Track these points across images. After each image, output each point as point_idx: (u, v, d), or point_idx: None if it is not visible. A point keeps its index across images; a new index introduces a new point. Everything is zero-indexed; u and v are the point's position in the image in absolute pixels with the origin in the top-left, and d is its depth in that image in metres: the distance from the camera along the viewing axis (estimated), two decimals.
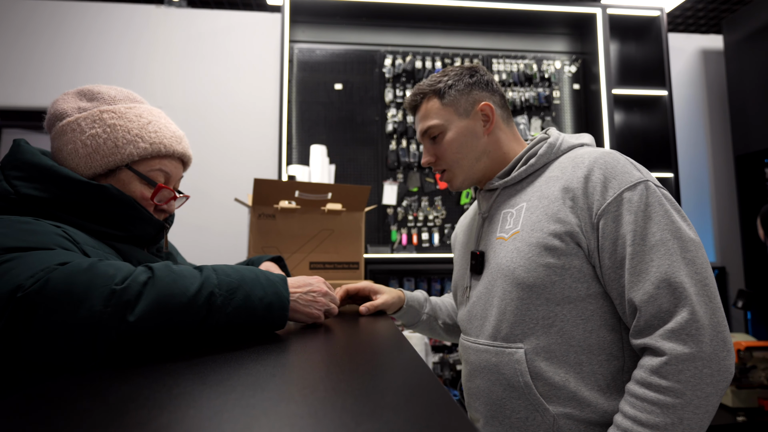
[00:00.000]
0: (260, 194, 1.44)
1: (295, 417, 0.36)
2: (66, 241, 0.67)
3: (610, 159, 0.78)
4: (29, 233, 0.64)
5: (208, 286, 0.61)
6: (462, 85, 0.91)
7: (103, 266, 0.57)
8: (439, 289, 2.35)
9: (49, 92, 2.41)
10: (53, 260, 0.58)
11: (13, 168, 0.74)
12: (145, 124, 0.83)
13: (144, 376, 0.49)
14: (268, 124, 2.51)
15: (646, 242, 0.71)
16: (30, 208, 0.72)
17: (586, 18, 2.55)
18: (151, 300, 0.56)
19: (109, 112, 0.81)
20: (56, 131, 0.80)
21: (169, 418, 0.35)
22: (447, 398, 0.40)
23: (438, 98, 0.92)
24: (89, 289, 0.54)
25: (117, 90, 0.85)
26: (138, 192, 0.82)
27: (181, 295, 0.58)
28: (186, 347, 0.60)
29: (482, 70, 0.95)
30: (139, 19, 2.53)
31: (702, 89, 2.95)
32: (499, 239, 0.86)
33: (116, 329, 0.54)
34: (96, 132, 0.79)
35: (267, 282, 0.68)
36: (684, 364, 0.67)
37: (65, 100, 0.82)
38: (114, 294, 0.54)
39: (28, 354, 0.54)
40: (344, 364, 0.55)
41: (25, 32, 2.45)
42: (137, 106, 0.85)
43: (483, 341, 0.86)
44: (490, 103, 0.91)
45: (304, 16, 2.44)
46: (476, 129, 0.90)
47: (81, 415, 0.37)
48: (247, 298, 0.64)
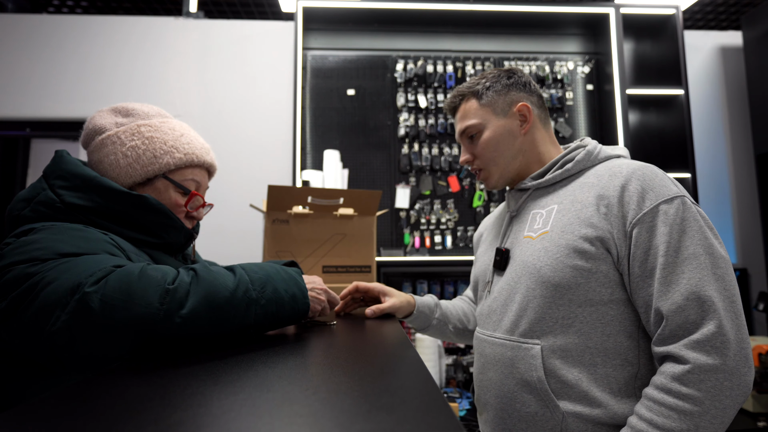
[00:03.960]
0: (274, 200, 1.49)
1: (295, 416, 0.39)
2: (114, 248, 0.73)
3: (648, 172, 0.80)
4: (82, 240, 0.69)
5: (243, 282, 0.67)
6: (500, 86, 0.94)
7: (152, 269, 0.62)
8: (452, 292, 2.36)
9: (75, 103, 2.51)
10: (109, 262, 0.63)
11: (58, 177, 0.79)
12: (179, 137, 0.89)
13: (161, 377, 0.53)
14: (283, 131, 2.57)
15: (679, 255, 0.73)
16: (75, 216, 0.77)
17: (598, 18, 2.53)
18: (199, 296, 0.62)
19: (146, 126, 0.87)
20: (96, 144, 0.86)
21: (181, 416, 0.38)
22: (440, 400, 0.42)
23: (476, 99, 0.95)
24: (146, 288, 0.59)
25: (149, 106, 0.92)
26: (173, 199, 0.88)
27: (224, 289, 0.64)
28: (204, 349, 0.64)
29: (520, 72, 0.98)
30: (159, 31, 2.61)
31: (721, 87, 2.89)
32: (527, 238, 0.88)
33: (171, 324, 0.59)
34: (136, 144, 0.85)
35: (288, 276, 0.74)
36: (707, 374, 0.68)
37: (102, 116, 0.88)
38: (168, 293, 0.60)
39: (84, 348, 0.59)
40: (347, 366, 0.58)
41: (50, 46, 2.56)
42: (169, 121, 0.91)
43: (500, 335, 0.88)
44: (528, 103, 0.93)
45: (317, 24, 2.49)
46: (513, 128, 0.93)
47: (102, 411, 0.40)
48: (276, 291, 0.70)
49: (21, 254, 0.64)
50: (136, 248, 0.81)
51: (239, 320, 0.65)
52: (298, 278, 0.76)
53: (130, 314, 0.57)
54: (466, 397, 1.97)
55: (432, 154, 2.45)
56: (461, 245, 2.39)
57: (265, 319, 0.69)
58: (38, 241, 0.67)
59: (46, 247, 0.65)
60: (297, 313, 0.74)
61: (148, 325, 0.58)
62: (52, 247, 0.65)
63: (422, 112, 2.48)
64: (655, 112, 2.68)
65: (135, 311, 0.58)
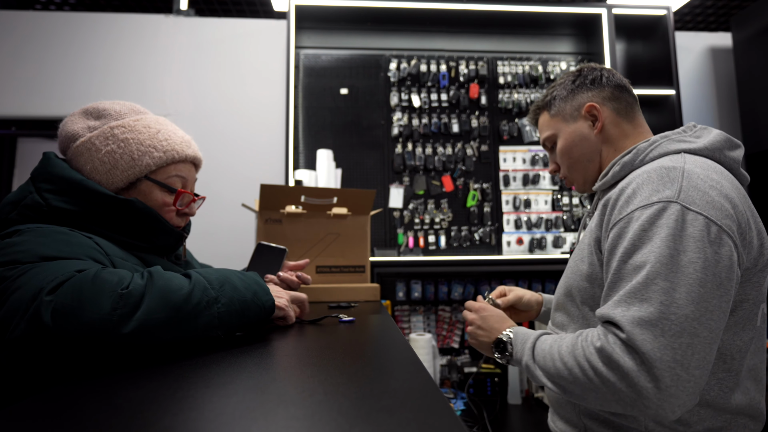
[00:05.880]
0: (267, 199, 1.46)
1: (292, 419, 0.37)
2: (97, 252, 0.71)
3: (657, 174, 0.73)
4: (65, 243, 0.68)
5: (200, 282, 0.66)
6: (565, 92, 0.95)
7: (108, 273, 0.60)
8: (446, 292, 2.36)
9: (63, 101, 2.47)
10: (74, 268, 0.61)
11: (44, 181, 0.77)
12: (155, 134, 0.85)
13: (152, 380, 0.51)
14: (276, 130, 2.54)
15: (626, 264, 0.69)
16: (61, 219, 0.75)
17: (591, 18, 2.54)
18: (155, 297, 0.60)
19: (119, 127, 0.83)
20: (72, 152, 0.83)
21: (171, 420, 0.36)
22: (441, 401, 0.41)
23: (547, 111, 0.98)
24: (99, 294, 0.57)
25: (120, 104, 0.88)
26: (160, 200, 0.85)
27: (179, 289, 0.63)
28: (194, 351, 0.62)
29: (587, 69, 0.95)
30: (149, 29, 2.57)
31: (711, 88, 2.92)
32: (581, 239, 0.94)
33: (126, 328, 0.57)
34: (111, 149, 0.82)
35: (243, 275, 0.75)
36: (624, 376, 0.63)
37: (73, 121, 0.85)
38: (122, 297, 0.58)
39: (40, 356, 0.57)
40: (344, 367, 0.56)
41: (39, 43, 2.51)
42: (143, 117, 0.87)
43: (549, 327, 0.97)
44: (596, 102, 0.91)
45: (310, 23, 2.47)
46: (584, 131, 0.92)
47: (89, 415, 0.38)
48: (236, 290, 0.69)
49: (3, 256, 0.64)
50: (125, 251, 0.79)
51: (203, 321, 0.64)
52: (257, 278, 0.76)
53: (81, 321, 0.55)
54: (460, 398, 1.96)
55: (426, 153, 2.44)
56: (455, 245, 2.39)
57: (232, 318, 0.68)
58: (21, 244, 0.65)
59: (28, 249, 0.64)
60: (264, 309, 0.74)
61: (101, 332, 0.56)
62: (34, 250, 0.64)
63: (416, 112, 2.48)
64: (647, 112, 2.69)
65: (86, 318, 0.55)
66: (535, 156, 2.46)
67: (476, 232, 2.40)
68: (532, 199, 2.44)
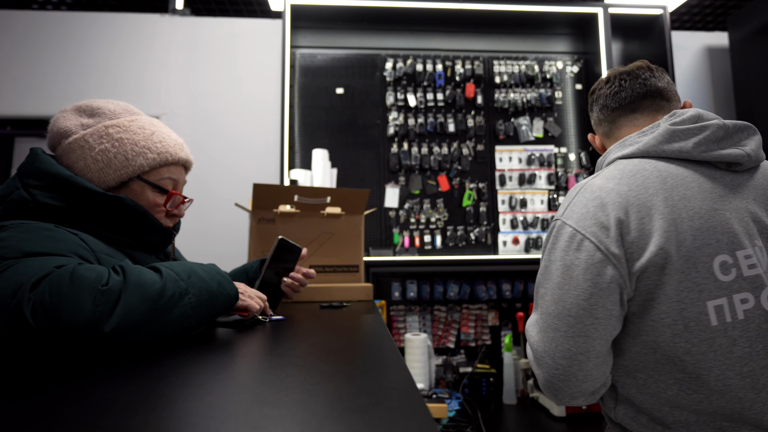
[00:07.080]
0: (260, 199, 1.46)
1: (263, 419, 0.37)
2: (82, 249, 0.71)
3: (568, 193, 0.83)
4: (50, 239, 0.68)
5: (170, 274, 0.66)
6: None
7: (85, 270, 0.60)
8: (442, 292, 2.35)
9: (59, 101, 2.46)
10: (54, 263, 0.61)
11: (31, 177, 0.77)
12: (149, 135, 0.85)
13: (130, 379, 0.51)
14: (271, 129, 2.54)
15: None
16: (47, 215, 0.75)
17: (587, 18, 2.53)
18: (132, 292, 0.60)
19: (114, 126, 0.83)
20: (63, 149, 0.82)
21: (140, 421, 0.36)
22: (417, 401, 0.41)
23: None
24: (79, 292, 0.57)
25: (115, 104, 0.88)
26: (151, 200, 0.85)
27: (153, 282, 0.63)
28: (171, 348, 0.62)
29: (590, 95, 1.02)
30: (145, 28, 2.57)
31: (707, 87, 2.92)
32: None
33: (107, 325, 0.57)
34: (105, 147, 0.81)
35: (207, 266, 0.76)
36: None
37: (66, 117, 0.84)
38: (103, 294, 0.58)
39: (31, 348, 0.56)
40: (326, 365, 0.56)
41: (35, 43, 2.51)
42: (138, 118, 0.87)
43: None
44: (593, 131, 1.01)
45: (305, 22, 2.46)
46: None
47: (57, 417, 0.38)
48: (202, 280, 0.70)
49: None
50: (113, 248, 0.79)
51: (178, 312, 0.64)
52: (217, 268, 0.78)
53: (63, 320, 0.55)
54: (455, 398, 1.96)
55: (422, 153, 2.44)
56: (451, 245, 2.38)
57: (202, 308, 0.69)
58: (5, 240, 0.65)
59: (11, 245, 0.64)
60: (230, 298, 0.75)
61: (83, 329, 0.56)
62: (18, 246, 0.63)
63: (412, 111, 2.47)
64: None
65: (67, 317, 0.55)
66: (531, 155, 2.46)
67: (472, 232, 2.40)
68: (528, 199, 2.43)
